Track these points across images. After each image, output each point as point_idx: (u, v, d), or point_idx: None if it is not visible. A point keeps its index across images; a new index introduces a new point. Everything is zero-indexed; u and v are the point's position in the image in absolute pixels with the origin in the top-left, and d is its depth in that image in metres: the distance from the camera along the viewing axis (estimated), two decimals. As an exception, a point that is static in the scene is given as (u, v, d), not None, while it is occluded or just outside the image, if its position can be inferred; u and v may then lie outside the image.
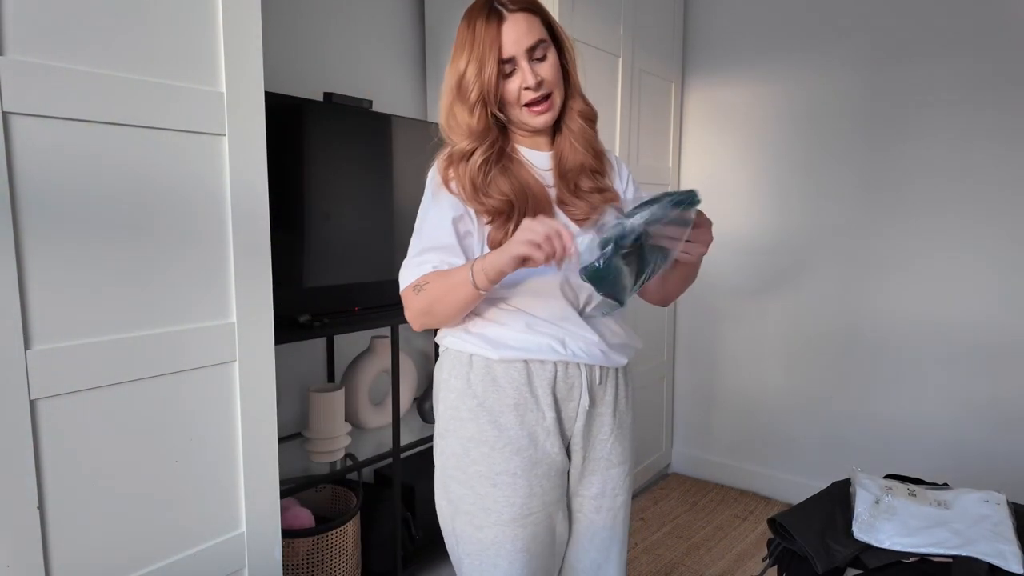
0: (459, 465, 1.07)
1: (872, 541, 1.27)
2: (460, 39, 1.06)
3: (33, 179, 0.96)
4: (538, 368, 1.05)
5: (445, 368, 1.10)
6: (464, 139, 1.06)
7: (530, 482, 1.04)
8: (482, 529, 1.05)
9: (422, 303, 1.03)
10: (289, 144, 1.70)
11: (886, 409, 2.41)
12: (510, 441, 1.04)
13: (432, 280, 1.02)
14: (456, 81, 1.06)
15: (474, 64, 1.03)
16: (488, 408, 1.04)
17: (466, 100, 1.05)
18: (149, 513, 1.13)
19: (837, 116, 2.43)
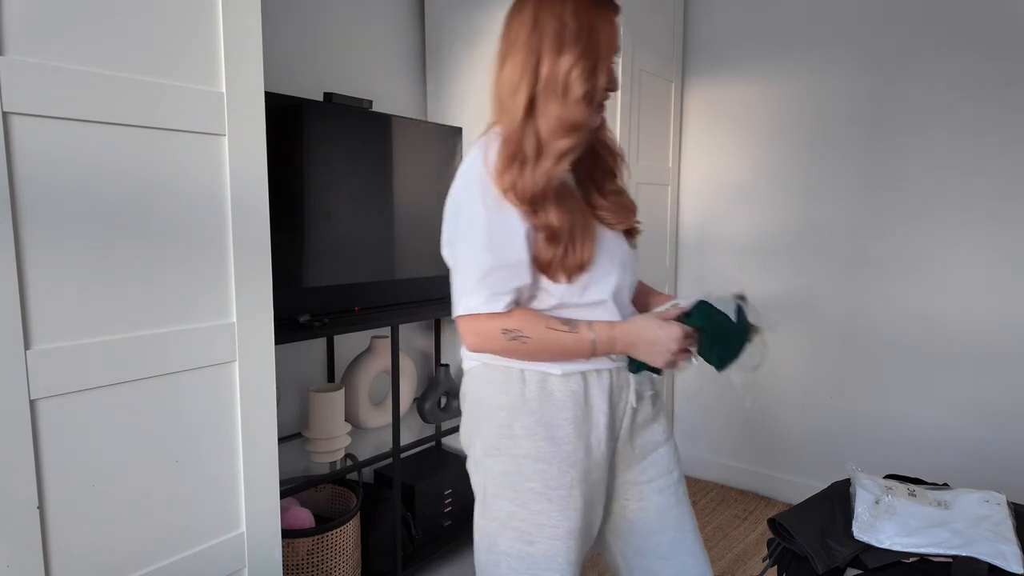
0: (510, 484, 1.03)
1: (872, 541, 1.27)
2: (558, 27, 0.96)
3: (33, 179, 0.96)
4: (594, 378, 1.04)
5: (489, 385, 1.05)
6: (561, 134, 0.97)
7: (584, 493, 1.04)
8: (533, 544, 1.02)
9: (511, 348, 0.99)
10: (289, 144, 1.70)
11: (886, 409, 2.41)
12: (567, 455, 1.02)
13: (533, 335, 0.97)
14: (552, 75, 0.96)
15: (587, 58, 0.96)
16: (545, 423, 1.01)
17: (566, 96, 0.96)
18: (149, 513, 1.13)
19: (837, 116, 2.43)
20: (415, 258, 2.09)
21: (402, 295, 2.05)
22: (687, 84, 2.78)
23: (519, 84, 0.98)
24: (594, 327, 0.98)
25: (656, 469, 1.13)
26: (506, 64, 1.01)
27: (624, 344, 0.99)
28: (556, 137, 0.97)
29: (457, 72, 2.24)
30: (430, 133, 2.12)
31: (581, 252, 0.98)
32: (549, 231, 0.97)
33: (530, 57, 0.98)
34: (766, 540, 1.49)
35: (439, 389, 2.17)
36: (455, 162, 2.21)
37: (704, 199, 2.78)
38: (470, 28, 2.17)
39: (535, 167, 0.96)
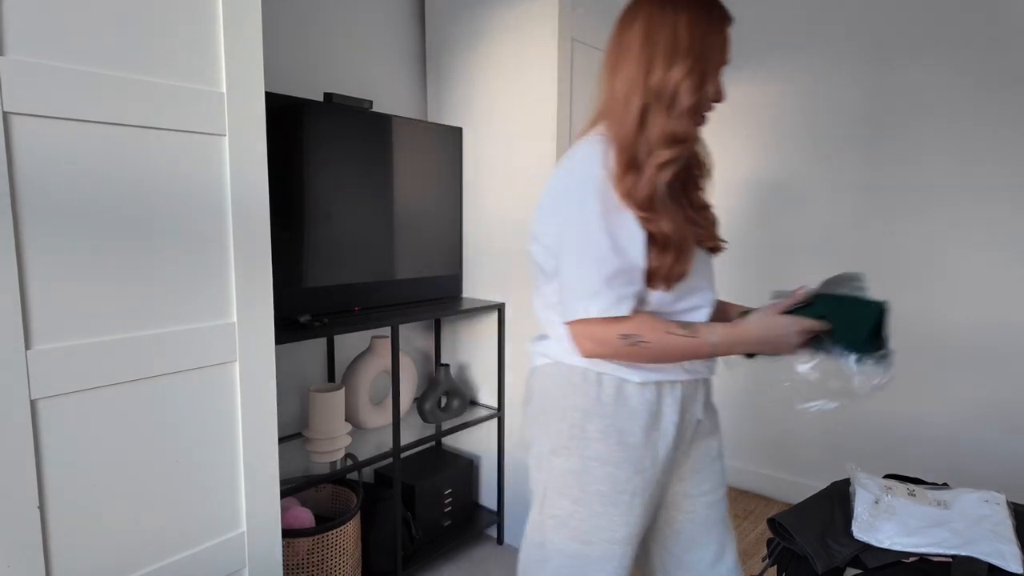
0: (576, 483, 1.04)
1: (872, 541, 1.27)
2: (670, 38, 0.97)
3: (33, 179, 0.96)
4: (668, 388, 1.05)
5: (563, 384, 1.06)
6: (665, 144, 0.97)
7: (644, 502, 1.05)
8: (590, 544, 1.04)
9: (629, 353, 0.98)
10: (289, 144, 1.70)
11: (886, 409, 2.41)
12: (635, 461, 1.03)
13: (652, 339, 0.97)
14: (660, 87, 0.97)
15: (698, 70, 0.97)
16: (619, 428, 1.02)
17: (673, 107, 0.97)
18: (149, 513, 1.14)
19: (838, 115, 2.43)
20: (415, 258, 2.09)
21: (402, 295, 2.05)
22: (687, 84, 2.78)
23: (631, 94, 0.99)
24: (715, 330, 1.00)
25: (708, 484, 1.15)
26: (617, 72, 1.02)
27: (744, 345, 1.01)
28: (659, 147, 0.97)
29: (457, 72, 2.24)
30: (430, 133, 2.12)
31: (685, 261, 0.99)
32: (662, 239, 0.97)
33: (641, 68, 0.99)
34: (766, 540, 1.49)
35: (439, 389, 2.17)
36: (455, 162, 2.22)
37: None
38: (470, 28, 2.17)
39: (646, 176, 0.97)
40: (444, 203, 2.19)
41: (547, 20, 1.97)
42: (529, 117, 2.05)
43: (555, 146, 2.00)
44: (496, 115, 2.14)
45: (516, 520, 2.26)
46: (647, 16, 1.00)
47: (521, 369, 2.17)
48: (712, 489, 1.16)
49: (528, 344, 1.13)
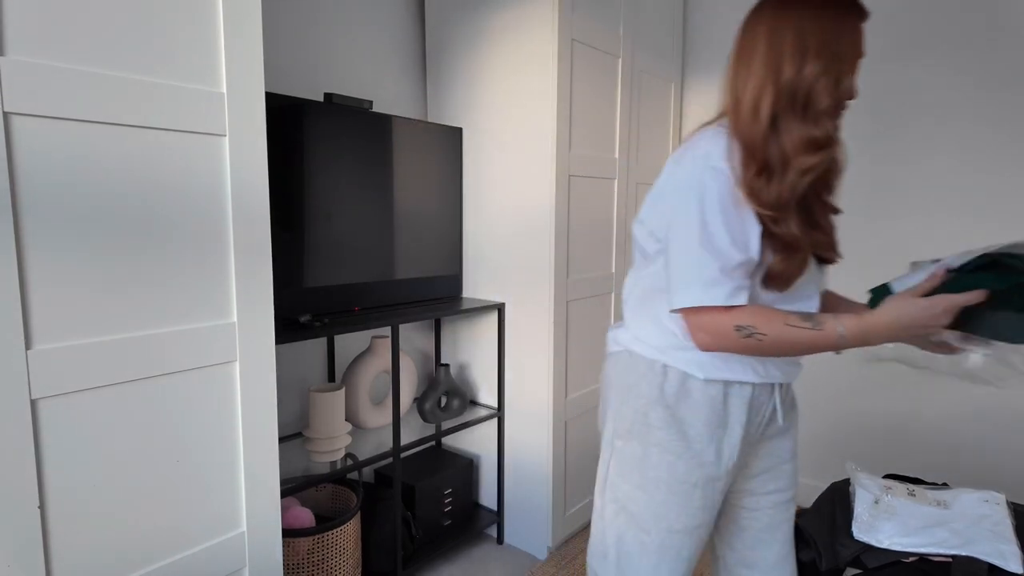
0: (637, 468, 1.06)
1: (872, 541, 1.27)
2: (797, 31, 0.93)
3: (33, 179, 0.96)
4: (736, 389, 1.04)
5: (632, 372, 1.08)
6: (806, 151, 0.94)
7: (705, 495, 1.05)
8: (649, 533, 1.05)
9: (744, 346, 0.96)
10: (289, 144, 1.70)
11: (886, 409, 2.41)
12: (696, 454, 1.03)
13: (769, 331, 0.94)
14: (792, 86, 0.93)
15: (833, 67, 0.92)
16: (679, 419, 1.03)
17: (808, 109, 0.94)
18: (149, 513, 1.14)
19: (837, 116, 2.43)
20: (415, 258, 2.09)
21: (402, 295, 2.05)
22: (687, 84, 2.78)
23: (760, 98, 0.95)
24: (842, 320, 0.94)
25: (776, 484, 1.15)
26: (742, 75, 0.98)
27: (878, 335, 0.94)
28: (800, 154, 0.94)
29: (457, 72, 2.24)
30: (430, 133, 2.13)
31: (804, 263, 0.99)
32: (790, 240, 0.95)
33: (769, 69, 0.95)
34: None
35: (439, 389, 2.17)
36: (455, 162, 2.22)
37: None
38: (470, 28, 2.17)
39: (781, 180, 0.94)
40: (444, 203, 2.19)
41: (547, 21, 1.97)
42: (529, 117, 2.05)
43: (555, 146, 2.00)
44: (496, 115, 2.14)
45: (516, 520, 2.27)
46: (772, 14, 0.96)
47: (521, 369, 2.17)
48: (780, 489, 1.16)
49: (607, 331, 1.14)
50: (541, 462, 2.16)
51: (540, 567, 2.15)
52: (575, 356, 2.20)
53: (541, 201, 2.05)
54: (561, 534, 2.23)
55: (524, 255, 2.11)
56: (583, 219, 2.17)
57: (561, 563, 2.17)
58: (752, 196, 0.94)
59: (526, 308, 2.13)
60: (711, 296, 0.95)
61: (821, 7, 0.93)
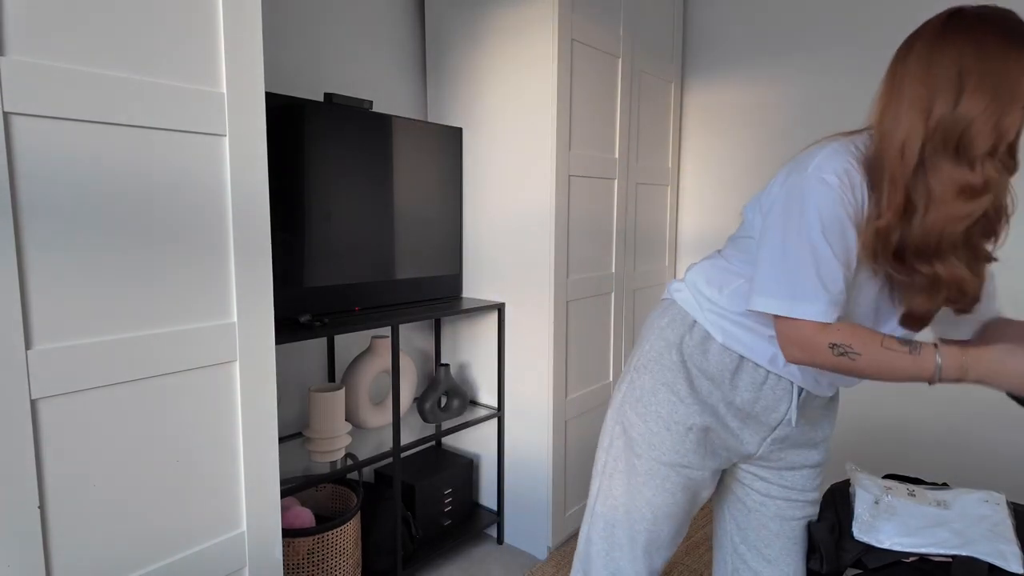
0: (643, 399, 1.14)
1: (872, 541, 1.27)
2: (956, 64, 0.85)
3: (33, 179, 0.96)
4: (750, 368, 1.08)
5: (666, 317, 1.15)
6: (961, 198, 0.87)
7: (699, 440, 1.11)
8: (640, 458, 1.14)
9: (834, 363, 0.94)
10: (289, 144, 1.70)
11: (886, 409, 2.41)
12: (698, 402, 1.10)
13: (864, 352, 0.91)
14: (946, 124, 0.85)
15: (995, 107, 0.83)
16: (689, 368, 1.10)
17: (965, 152, 0.85)
18: (149, 513, 1.14)
19: (837, 116, 2.43)
20: (415, 258, 2.09)
21: (402, 295, 2.05)
22: (687, 84, 2.78)
23: (908, 139, 0.88)
24: (942, 350, 0.89)
25: (793, 483, 1.19)
26: (892, 108, 0.91)
27: (979, 373, 0.89)
28: (951, 199, 0.87)
29: (457, 72, 2.24)
30: (430, 133, 2.13)
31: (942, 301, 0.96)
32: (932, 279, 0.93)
33: (920, 106, 0.87)
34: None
35: (439, 389, 2.17)
36: (455, 162, 2.22)
37: (704, 199, 2.79)
38: (470, 29, 2.17)
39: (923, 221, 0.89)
40: (444, 203, 2.19)
41: (547, 21, 1.97)
42: (529, 117, 2.05)
43: (555, 146, 2.00)
44: (496, 115, 2.14)
45: (516, 520, 2.27)
46: (929, 41, 0.88)
47: (521, 369, 2.17)
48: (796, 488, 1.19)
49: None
50: (541, 462, 2.16)
51: (540, 567, 2.15)
52: (575, 356, 2.20)
53: (541, 201, 2.05)
54: (561, 534, 2.23)
55: (524, 255, 2.11)
56: (583, 219, 2.17)
57: (561, 563, 2.17)
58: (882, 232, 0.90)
59: (526, 308, 2.13)
60: (802, 310, 0.93)
61: (984, 37, 0.84)
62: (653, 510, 1.14)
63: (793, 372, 1.09)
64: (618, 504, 1.17)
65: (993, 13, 0.86)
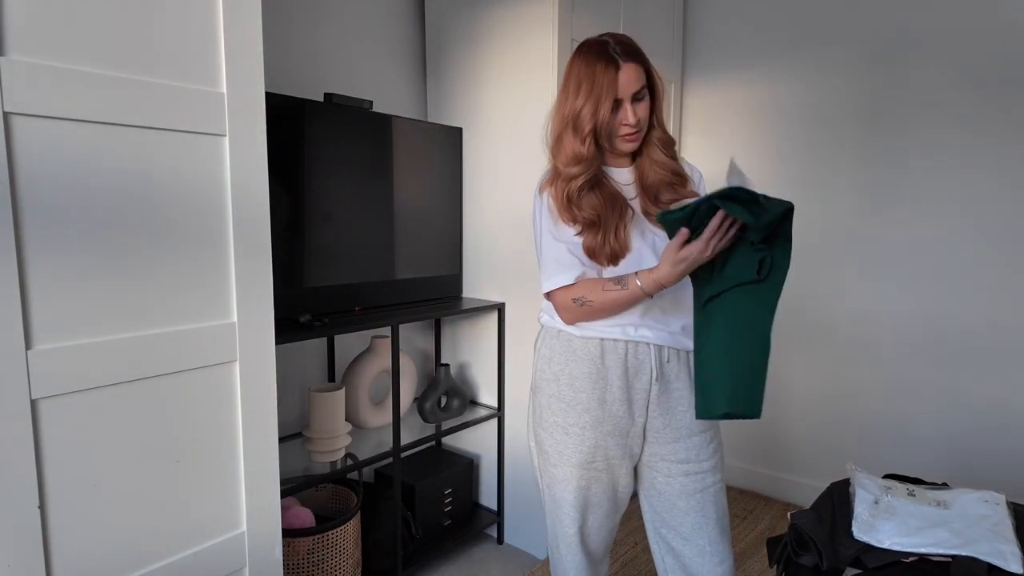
0: (543, 416, 1.31)
1: (872, 541, 1.27)
2: (575, 76, 1.23)
3: (34, 179, 0.96)
4: (610, 346, 1.25)
5: (540, 339, 1.36)
6: (571, 164, 1.22)
7: (595, 435, 1.26)
8: (556, 467, 1.30)
9: (584, 312, 1.23)
10: (289, 144, 1.70)
11: (885, 409, 2.41)
12: (581, 402, 1.25)
13: (594, 297, 1.21)
14: (570, 114, 1.22)
15: (591, 103, 1.20)
16: (568, 373, 1.27)
17: (579, 132, 1.21)
18: (149, 513, 1.14)
19: (837, 116, 2.43)
20: (415, 258, 2.09)
21: (402, 295, 2.05)
22: (687, 84, 2.78)
23: (552, 120, 1.28)
24: (640, 276, 1.18)
25: (687, 453, 1.28)
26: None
27: (667, 275, 1.15)
28: (566, 163, 1.24)
29: (457, 72, 2.24)
30: (430, 133, 2.13)
31: (614, 242, 1.22)
32: (583, 225, 1.23)
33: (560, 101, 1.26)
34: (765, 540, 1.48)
35: (439, 389, 2.17)
36: (455, 162, 2.22)
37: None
38: (470, 28, 2.17)
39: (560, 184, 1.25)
40: (444, 203, 2.19)
41: (547, 20, 1.97)
42: (529, 117, 2.05)
43: (555, 146, 2.00)
44: (496, 115, 2.14)
45: (516, 520, 2.27)
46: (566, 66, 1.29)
47: (521, 368, 2.17)
48: (689, 460, 1.28)
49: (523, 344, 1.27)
50: (541, 462, 2.16)
51: (540, 567, 2.15)
52: (575, 356, 2.20)
53: (541, 201, 2.05)
54: (561, 534, 2.23)
55: (524, 255, 2.11)
56: (583, 219, 2.17)
57: (561, 563, 2.17)
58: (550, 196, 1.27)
59: (526, 308, 2.13)
60: (548, 284, 1.26)
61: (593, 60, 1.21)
62: (576, 507, 1.30)
63: (645, 335, 1.25)
64: (552, 512, 1.35)
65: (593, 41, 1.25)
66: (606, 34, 1.26)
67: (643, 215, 1.28)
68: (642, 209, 1.28)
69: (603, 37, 1.25)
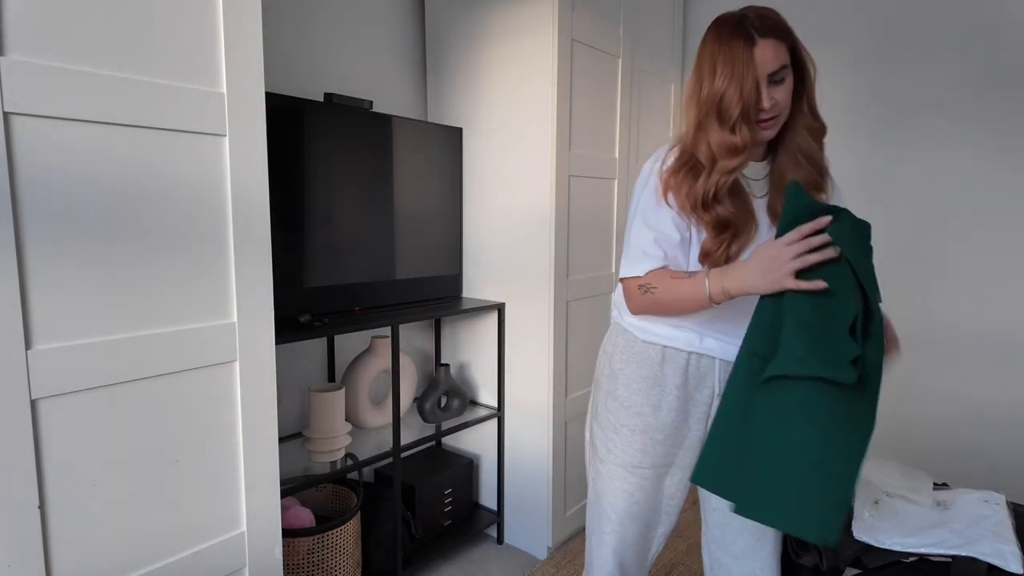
0: (597, 411, 1.31)
1: (872, 541, 1.27)
2: (709, 54, 1.12)
3: (34, 179, 0.96)
4: (671, 354, 1.21)
5: (608, 335, 1.34)
6: (725, 156, 1.09)
7: (644, 440, 1.23)
8: (604, 463, 1.29)
9: (648, 301, 1.16)
10: (289, 144, 1.70)
11: (885, 409, 2.40)
12: (634, 404, 1.23)
13: (660, 285, 1.13)
14: (711, 98, 1.10)
15: (735, 84, 1.07)
16: (626, 374, 1.24)
17: (726, 119, 1.09)
18: (149, 513, 1.14)
19: (837, 115, 2.43)
20: (415, 258, 2.09)
21: (402, 295, 2.05)
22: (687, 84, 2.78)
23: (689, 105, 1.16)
24: (710, 274, 1.08)
25: None
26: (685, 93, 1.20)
27: (736, 280, 1.04)
28: (717, 153, 1.10)
29: (457, 72, 2.24)
30: (430, 133, 2.13)
31: (733, 247, 1.12)
32: (715, 226, 1.11)
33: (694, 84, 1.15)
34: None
35: (439, 389, 2.17)
36: (455, 162, 2.22)
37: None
38: (470, 28, 2.17)
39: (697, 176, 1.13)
40: (444, 203, 2.19)
41: (546, 20, 1.97)
42: (529, 117, 2.05)
43: (555, 146, 2.00)
44: (496, 115, 2.14)
45: (516, 520, 2.27)
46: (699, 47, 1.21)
47: (521, 369, 2.17)
48: None
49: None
50: (541, 462, 2.16)
51: (540, 567, 2.15)
52: (575, 356, 2.20)
53: (541, 201, 2.05)
54: (561, 534, 2.23)
55: (524, 255, 2.11)
56: (583, 219, 2.17)
57: (561, 563, 2.17)
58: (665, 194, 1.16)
59: (526, 308, 2.13)
60: (625, 271, 1.19)
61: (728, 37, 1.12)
62: (616, 511, 1.27)
63: (710, 347, 1.19)
64: (592, 508, 1.33)
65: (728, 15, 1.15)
66: (747, 7, 1.14)
67: (770, 217, 1.16)
68: (769, 209, 1.16)
69: (742, 10, 1.13)
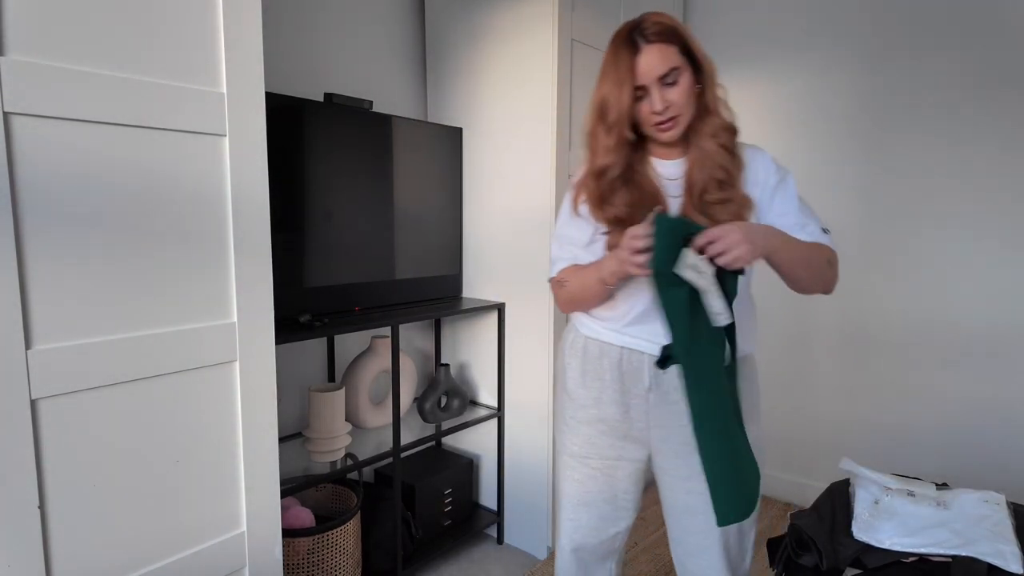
0: (555, 407, 1.39)
1: (872, 541, 1.27)
2: (604, 65, 1.17)
3: (34, 179, 0.96)
4: (606, 348, 1.25)
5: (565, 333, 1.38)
6: (600, 156, 1.17)
7: (589, 432, 1.28)
8: (560, 455, 1.36)
9: (565, 296, 1.27)
10: (289, 144, 1.70)
11: (885, 409, 2.41)
12: (579, 397, 1.29)
13: (570, 278, 1.24)
14: (598, 104, 1.17)
15: (613, 90, 1.13)
16: (572, 368, 1.30)
17: (605, 122, 1.16)
18: (149, 513, 1.14)
19: (837, 116, 2.43)
20: (415, 258, 2.09)
21: (402, 295, 2.05)
22: (687, 84, 2.78)
23: (587, 113, 1.21)
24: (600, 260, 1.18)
25: (689, 471, 1.22)
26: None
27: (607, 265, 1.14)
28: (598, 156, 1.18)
29: (457, 72, 2.24)
30: (430, 133, 2.13)
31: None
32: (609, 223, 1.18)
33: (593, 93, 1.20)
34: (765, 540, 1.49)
35: (439, 389, 2.17)
36: (455, 162, 2.22)
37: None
38: (470, 28, 2.17)
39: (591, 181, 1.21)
40: (444, 203, 2.19)
41: (546, 20, 1.97)
42: (529, 117, 2.05)
43: (555, 146, 2.00)
44: (496, 115, 2.14)
45: (516, 520, 2.26)
46: None
47: (521, 369, 2.17)
48: (687, 477, 1.23)
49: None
50: (541, 462, 2.16)
51: (540, 567, 2.15)
52: (575, 356, 2.20)
53: (541, 201, 2.05)
54: (561, 534, 2.23)
55: (524, 255, 2.11)
56: (583, 219, 2.17)
57: (561, 563, 2.17)
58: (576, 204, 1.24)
59: (526, 308, 2.13)
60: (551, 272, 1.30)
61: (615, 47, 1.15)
62: (569, 499, 1.33)
63: (639, 343, 1.22)
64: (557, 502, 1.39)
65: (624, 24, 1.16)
66: (646, 13, 1.16)
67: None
68: (682, 209, 1.18)
69: (639, 17, 1.15)
